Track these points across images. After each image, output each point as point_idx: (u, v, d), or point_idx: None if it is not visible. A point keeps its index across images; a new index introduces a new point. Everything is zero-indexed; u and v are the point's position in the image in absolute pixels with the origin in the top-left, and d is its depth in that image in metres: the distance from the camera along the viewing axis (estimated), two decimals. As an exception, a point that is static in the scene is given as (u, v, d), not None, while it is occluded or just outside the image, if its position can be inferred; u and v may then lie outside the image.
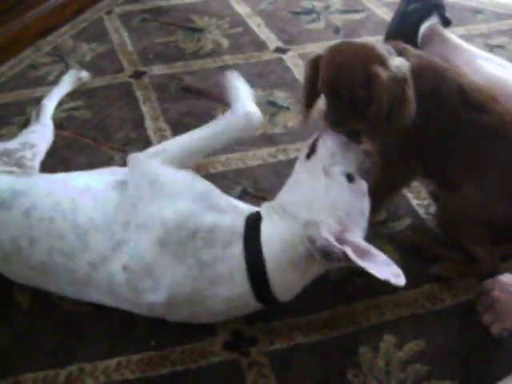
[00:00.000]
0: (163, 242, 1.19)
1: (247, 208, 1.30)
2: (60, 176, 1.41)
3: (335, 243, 1.12)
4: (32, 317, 1.34)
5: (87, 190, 1.30)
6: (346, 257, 1.11)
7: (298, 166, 1.30)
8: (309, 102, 1.37)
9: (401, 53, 1.31)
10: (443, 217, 1.45)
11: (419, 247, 1.47)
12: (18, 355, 1.27)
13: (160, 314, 1.26)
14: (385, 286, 1.36)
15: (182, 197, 1.23)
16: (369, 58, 1.22)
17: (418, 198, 1.62)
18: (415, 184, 1.63)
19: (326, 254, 1.14)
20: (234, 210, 1.26)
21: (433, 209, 1.58)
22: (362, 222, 1.22)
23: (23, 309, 1.35)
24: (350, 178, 1.22)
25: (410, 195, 1.62)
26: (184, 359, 1.26)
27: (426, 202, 1.61)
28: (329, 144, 1.27)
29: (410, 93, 1.22)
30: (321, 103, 1.33)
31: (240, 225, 1.23)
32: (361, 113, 1.25)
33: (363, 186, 1.25)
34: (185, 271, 1.19)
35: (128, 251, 1.21)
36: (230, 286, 1.20)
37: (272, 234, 1.21)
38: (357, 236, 1.17)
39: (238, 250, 1.20)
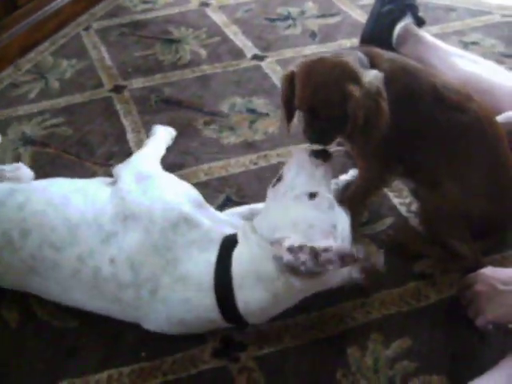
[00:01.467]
0: (147, 231, 1.25)
1: (233, 223, 1.35)
2: (55, 179, 1.52)
3: (298, 245, 1.14)
4: (21, 335, 1.35)
5: (80, 189, 1.37)
6: (314, 262, 1.12)
7: (268, 193, 1.32)
8: (288, 116, 1.39)
9: (373, 59, 1.33)
10: (425, 214, 1.47)
11: (402, 245, 1.49)
12: (7, 374, 1.28)
13: (139, 316, 1.28)
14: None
15: (171, 190, 1.33)
16: (342, 76, 1.25)
17: (399, 197, 1.64)
18: (396, 183, 1.65)
19: (295, 267, 1.14)
20: (217, 220, 1.32)
21: (414, 207, 1.59)
22: (335, 233, 1.20)
23: (11, 328, 1.36)
24: (311, 195, 1.22)
25: (391, 194, 1.64)
26: (174, 369, 1.26)
27: (407, 201, 1.63)
28: (293, 169, 1.28)
29: (384, 104, 1.25)
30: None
31: (219, 236, 1.27)
32: (338, 128, 1.29)
33: (327, 199, 1.24)
34: (162, 265, 1.23)
35: (116, 244, 1.25)
36: (197, 293, 1.22)
37: (243, 251, 1.22)
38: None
39: (211, 258, 1.23)
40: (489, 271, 1.27)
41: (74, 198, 1.33)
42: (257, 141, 1.87)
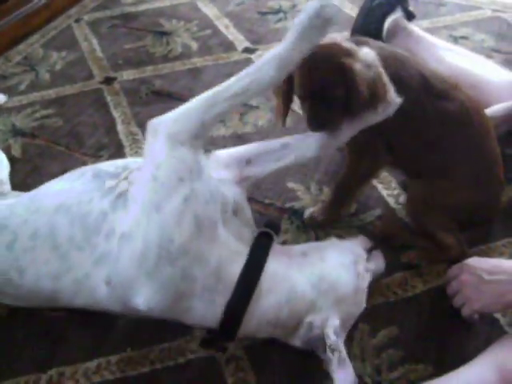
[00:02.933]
0: (143, 258, 1.10)
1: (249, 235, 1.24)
2: (32, 193, 1.34)
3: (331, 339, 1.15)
4: (11, 324, 1.36)
5: (61, 207, 1.22)
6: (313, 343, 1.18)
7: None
8: (285, 110, 1.38)
9: (362, 45, 1.34)
10: (412, 205, 1.47)
11: (390, 236, 1.50)
12: (-3, 362, 1.28)
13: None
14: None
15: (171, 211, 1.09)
16: (338, 54, 1.24)
17: (387, 189, 1.65)
18: (385, 175, 1.66)
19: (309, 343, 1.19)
20: (232, 246, 1.17)
21: (402, 198, 1.61)
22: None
23: (2, 316, 1.36)
24: None
25: (380, 186, 1.65)
26: (162, 357, 1.27)
27: (395, 192, 1.64)
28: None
29: (384, 74, 1.25)
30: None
31: (238, 265, 1.15)
32: (343, 109, 1.28)
33: None
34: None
35: (109, 265, 1.15)
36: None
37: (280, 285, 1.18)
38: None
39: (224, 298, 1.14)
40: (474, 261, 1.28)
41: (59, 222, 1.21)
42: (247, 133, 1.87)
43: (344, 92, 1.24)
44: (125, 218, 1.15)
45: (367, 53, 1.26)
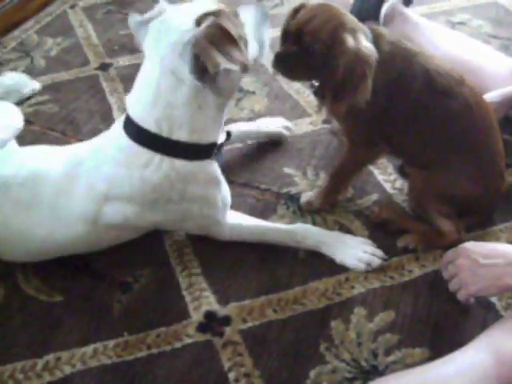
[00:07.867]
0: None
1: None
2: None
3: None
4: (7, 310, 1.35)
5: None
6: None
7: None
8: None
9: (377, 37, 1.32)
10: (413, 193, 1.48)
11: (386, 221, 1.50)
12: (-7, 348, 1.28)
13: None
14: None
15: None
16: (345, 25, 1.24)
17: (384, 174, 1.64)
18: (381, 160, 1.66)
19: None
20: None
21: (399, 183, 1.60)
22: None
23: (-2, 302, 1.37)
24: None
25: (376, 171, 1.65)
26: (159, 342, 1.27)
27: (392, 178, 1.63)
28: None
29: (369, 77, 1.23)
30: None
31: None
32: (312, 68, 1.27)
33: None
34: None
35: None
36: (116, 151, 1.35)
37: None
38: None
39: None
40: (471, 245, 1.28)
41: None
42: (243, 118, 1.86)
43: (322, 55, 1.23)
44: None
45: (369, 48, 1.24)
